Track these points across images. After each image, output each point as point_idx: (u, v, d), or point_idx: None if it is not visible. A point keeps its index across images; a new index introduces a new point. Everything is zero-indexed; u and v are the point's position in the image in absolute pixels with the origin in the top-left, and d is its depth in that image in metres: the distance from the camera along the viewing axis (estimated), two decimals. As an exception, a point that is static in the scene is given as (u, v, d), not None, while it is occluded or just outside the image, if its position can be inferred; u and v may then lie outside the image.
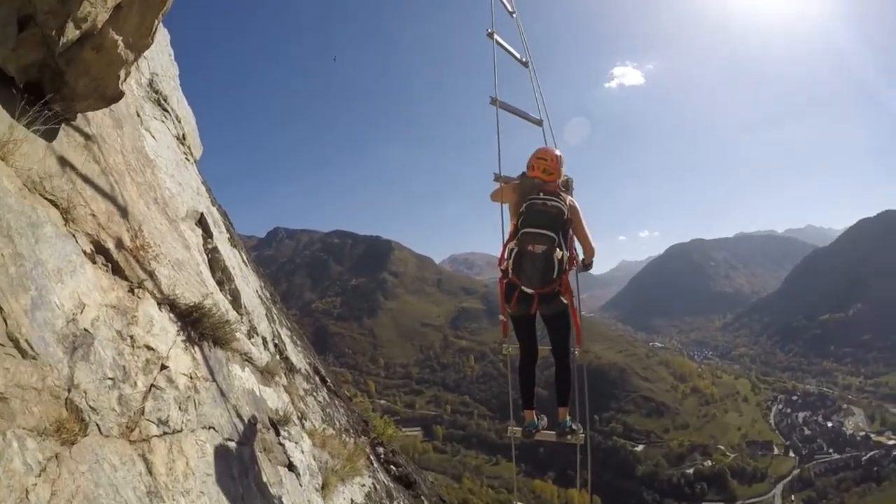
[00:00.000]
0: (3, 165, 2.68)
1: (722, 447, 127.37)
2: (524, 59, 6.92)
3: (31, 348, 2.26)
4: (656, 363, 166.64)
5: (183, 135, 8.54)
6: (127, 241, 4.06)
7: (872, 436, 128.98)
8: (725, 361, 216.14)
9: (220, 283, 7.38)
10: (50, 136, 3.44)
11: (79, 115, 4.06)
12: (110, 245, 3.70)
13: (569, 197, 5.21)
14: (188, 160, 8.65)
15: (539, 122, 6.58)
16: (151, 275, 4.23)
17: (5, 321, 2.15)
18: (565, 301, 5.02)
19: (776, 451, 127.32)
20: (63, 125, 3.72)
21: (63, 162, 3.48)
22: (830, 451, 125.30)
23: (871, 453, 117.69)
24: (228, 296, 7.40)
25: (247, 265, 11.00)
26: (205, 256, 7.29)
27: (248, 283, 9.59)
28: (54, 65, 3.50)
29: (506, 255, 4.94)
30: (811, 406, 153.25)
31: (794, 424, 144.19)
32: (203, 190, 9.05)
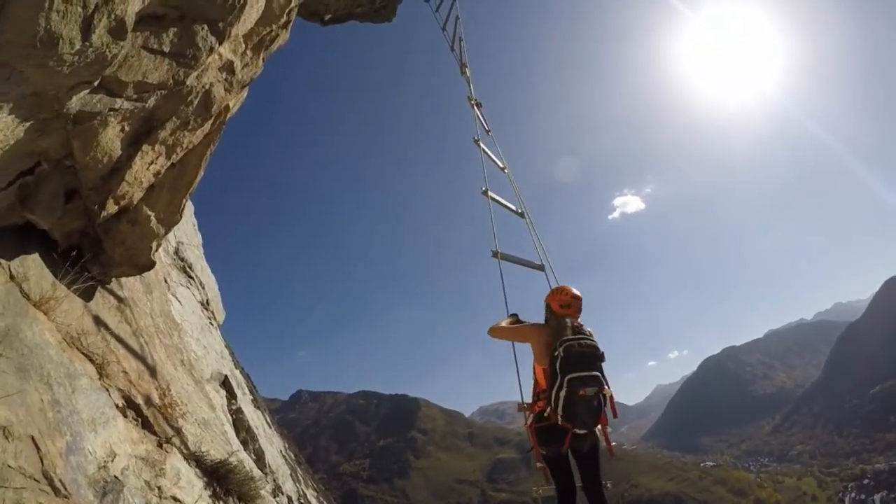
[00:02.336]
0: (46, 320, 2.91)
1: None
2: (519, 210, 7.22)
3: (65, 488, 2.32)
4: (711, 483, 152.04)
5: (207, 300, 8.95)
6: (156, 399, 4.19)
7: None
8: (784, 464, 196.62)
9: (244, 443, 7.31)
10: (87, 296, 3.72)
11: (113, 279, 4.39)
12: (140, 401, 3.83)
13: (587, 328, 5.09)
14: (212, 324, 8.97)
15: (541, 268, 6.70)
16: (179, 431, 4.30)
17: (42, 460, 2.24)
18: (599, 432, 4.81)
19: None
20: (99, 287, 4.02)
21: (98, 321, 3.73)
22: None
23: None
24: (253, 455, 7.29)
25: (270, 426, 10.88)
26: (229, 417, 7.30)
27: (273, 444, 9.44)
28: (94, 233, 3.90)
29: (552, 403, 4.62)
30: (885, 484, 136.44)
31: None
32: (227, 353, 9.26)
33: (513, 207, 7.21)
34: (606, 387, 4.60)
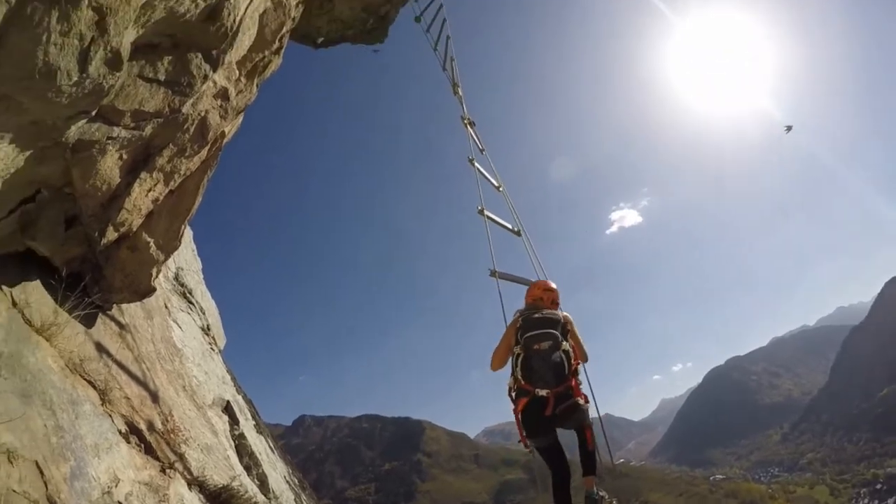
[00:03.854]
0: (48, 346, 2.94)
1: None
2: (516, 229, 7.24)
3: (70, 513, 2.32)
4: (722, 497, 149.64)
5: (208, 325, 8.95)
6: (158, 425, 4.20)
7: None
8: (795, 473, 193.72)
9: (247, 468, 7.27)
10: (89, 322, 3.76)
11: (114, 305, 4.43)
12: (143, 427, 3.84)
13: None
14: (213, 350, 8.96)
15: None
16: (182, 457, 4.30)
17: (46, 485, 2.26)
18: (581, 402, 4.67)
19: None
20: (100, 314, 4.06)
21: (100, 347, 3.76)
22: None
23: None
24: (256, 480, 7.25)
25: (273, 451, 10.80)
26: (232, 442, 7.28)
27: (276, 469, 9.37)
28: (94, 260, 3.94)
29: (515, 366, 4.75)
30: None
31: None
32: (228, 378, 9.24)
33: (509, 226, 7.24)
34: (564, 342, 4.69)
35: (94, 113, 3.10)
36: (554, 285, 5.55)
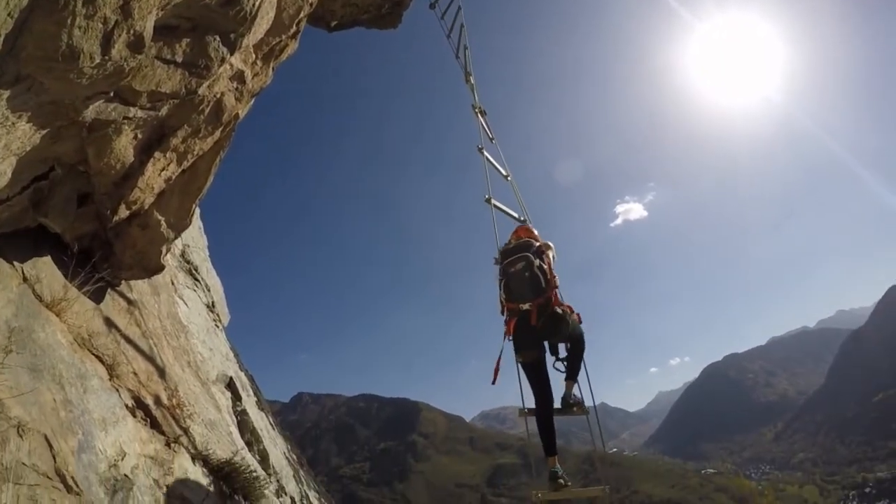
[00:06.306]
0: (58, 321, 3.01)
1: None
2: (522, 218, 7.30)
3: (77, 485, 2.41)
4: (713, 491, 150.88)
5: (212, 303, 9.04)
6: (164, 400, 4.28)
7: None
8: (786, 472, 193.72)
9: (248, 444, 7.39)
10: (98, 298, 3.82)
11: (122, 281, 4.49)
12: (150, 402, 3.92)
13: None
14: (218, 327, 9.06)
15: None
16: (186, 431, 4.39)
17: (54, 458, 2.33)
18: (561, 311, 5.12)
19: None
20: (109, 289, 4.12)
21: (109, 323, 3.82)
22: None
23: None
24: (257, 455, 7.38)
25: (274, 428, 10.96)
26: (234, 418, 7.39)
27: (276, 445, 9.52)
28: (105, 237, 3.99)
29: (497, 289, 5.36)
30: (888, 493, 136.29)
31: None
32: (232, 355, 9.35)
33: (515, 215, 7.32)
34: (536, 260, 5.24)
35: (111, 93, 3.13)
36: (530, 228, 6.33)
